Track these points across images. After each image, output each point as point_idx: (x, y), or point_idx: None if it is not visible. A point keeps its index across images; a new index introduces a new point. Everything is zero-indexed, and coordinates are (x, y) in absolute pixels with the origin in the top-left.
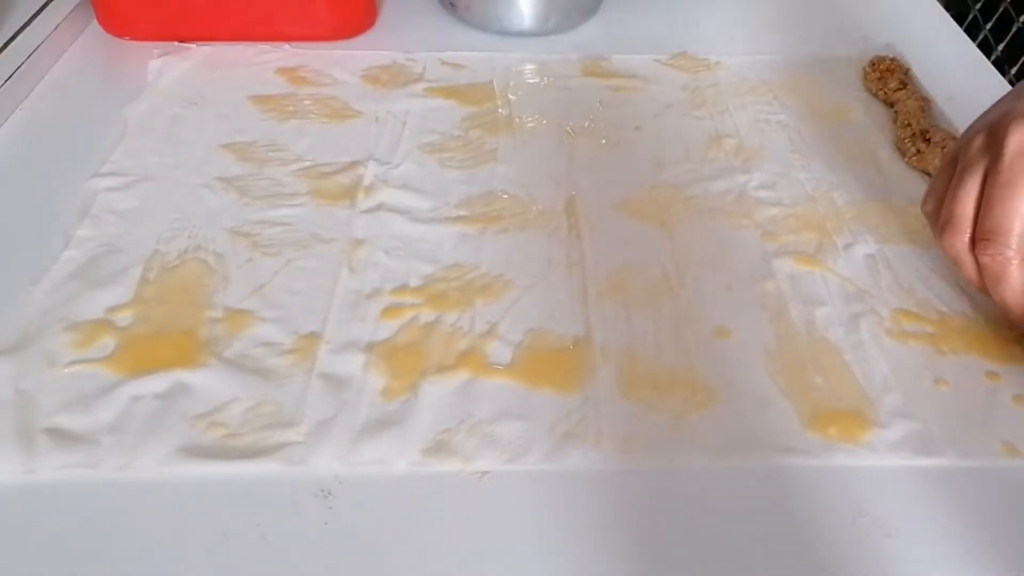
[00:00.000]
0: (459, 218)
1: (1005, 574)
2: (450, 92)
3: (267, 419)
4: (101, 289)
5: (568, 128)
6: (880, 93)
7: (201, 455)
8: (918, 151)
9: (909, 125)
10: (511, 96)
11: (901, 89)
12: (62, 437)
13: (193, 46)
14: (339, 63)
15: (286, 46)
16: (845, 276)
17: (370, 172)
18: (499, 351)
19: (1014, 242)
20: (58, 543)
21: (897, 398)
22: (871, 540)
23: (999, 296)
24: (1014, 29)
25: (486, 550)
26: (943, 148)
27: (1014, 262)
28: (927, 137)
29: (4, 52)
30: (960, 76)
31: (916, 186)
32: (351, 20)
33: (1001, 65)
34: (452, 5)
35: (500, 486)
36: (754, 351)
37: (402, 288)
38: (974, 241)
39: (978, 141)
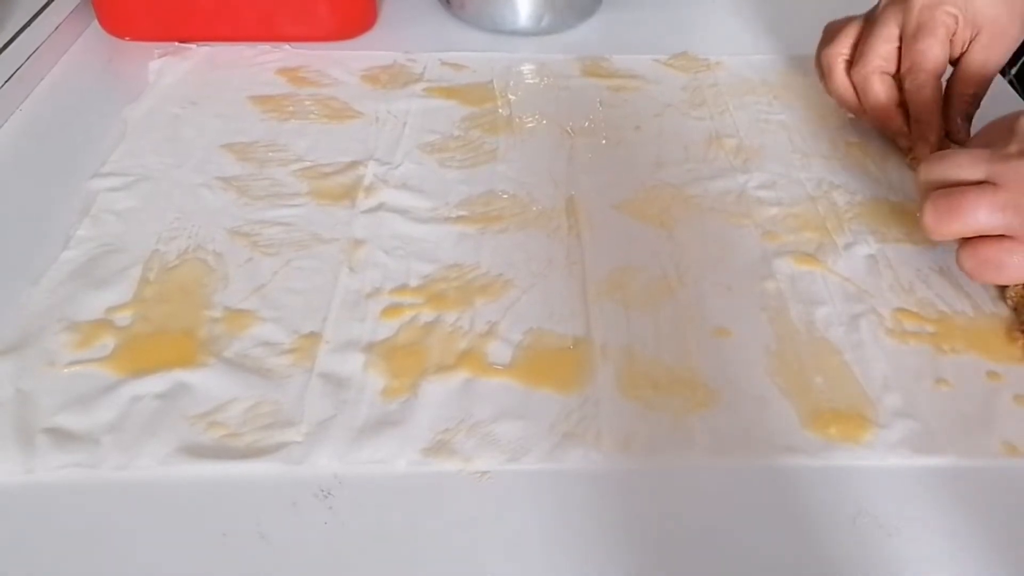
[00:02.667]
0: (459, 218)
1: (1005, 574)
2: (450, 92)
3: (267, 419)
4: (101, 289)
5: (568, 128)
6: None
7: (201, 455)
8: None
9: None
10: (511, 96)
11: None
12: (62, 437)
13: (193, 46)
14: (339, 63)
15: (286, 46)
16: (845, 276)
17: (370, 172)
18: (499, 351)
19: (875, 60)
20: (58, 543)
21: (897, 398)
22: (871, 540)
23: (866, 103)
24: None
25: (486, 550)
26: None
27: (875, 75)
28: None
29: (4, 52)
30: None
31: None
32: (351, 20)
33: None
34: (447, 2)
35: (500, 486)
36: (754, 351)
37: (402, 288)
38: (850, 65)
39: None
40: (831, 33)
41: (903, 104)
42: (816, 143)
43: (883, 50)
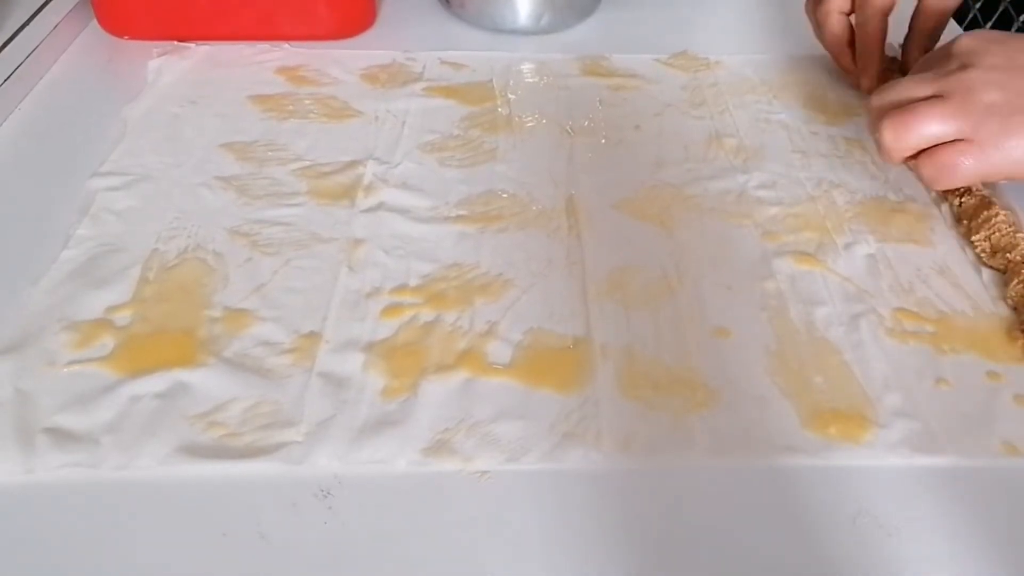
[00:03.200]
0: (459, 217)
1: (1005, 574)
2: (449, 91)
3: (266, 419)
4: (100, 289)
5: (568, 127)
6: None
7: (201, 455)
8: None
9: None
10: (511, 95)
11: None
12: (62, 437)
13: (193, 45)
14: (339, 62)
15: (286, 45)
16: (845, 276)
17: (369, 171)
18: (499, 351)
19: (835, 1)
20: (58, 543)
21: (897, 398)
22: (871, 540)
23: (821, 40)
24: (1013, 29)
25: (486, 550)
26: None
27: (832, 15)
28: None
29: (3, 52)
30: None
31: (916, 186)
32: (351, 19)
33: None
34: (447, 1)
35: (500, 486)
36: (754, 351)
37: (402, 287)
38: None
39: None
40: None
41: (854, 43)
42: (816, 143)
43: None
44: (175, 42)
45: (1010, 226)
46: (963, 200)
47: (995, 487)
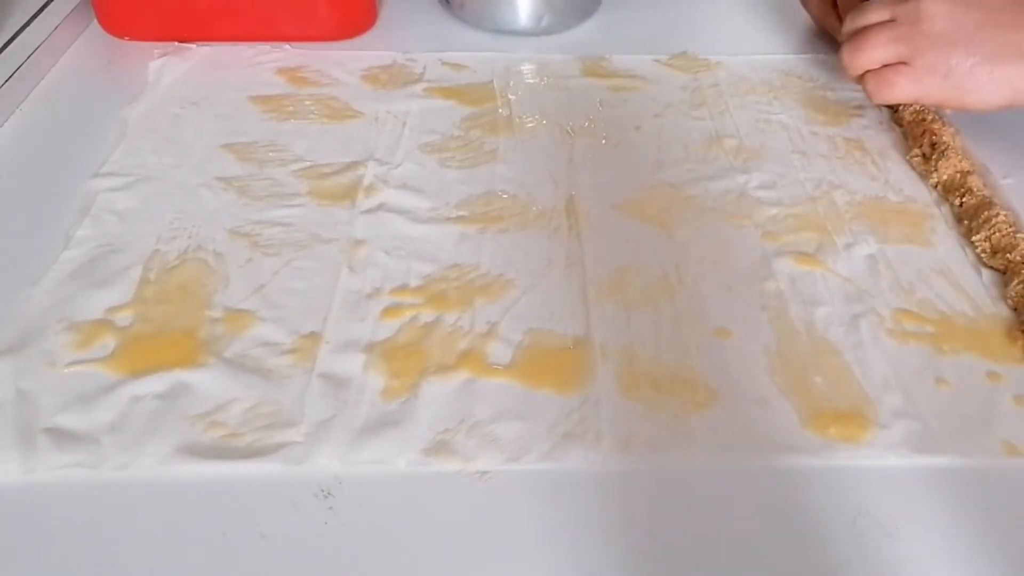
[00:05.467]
0: (459, 218)
1: (1005, 574)
2: (450, 92)
3: (267, 419)
4: (101, 289)
5: (568, 128)
6: None
7: (201, 455)
8: (923, 155)
9: (912, 126)
10: (511, 96)
11: None
12: (62, 437)
13: (193, 46)
14: (339, 63)
15: (286, 46)
16: (845, 276)
17: (370, 172)
18: (499, 351)
19: None
20: (58, 543)
21: (897, 398)
22: (871, 540)
23: (809, 7)
24: None
25: (486, 550)
26: (947, 150)
27: None
28: (933, 142)
29: (4, 52)
30: None
31: (917, 186)
32: (351, 20)
33: None
34: (447, 2)
35: (500, 486)
36: (754, 351)
37: (402, 288)
38: None
39: None
40: None
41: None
42: (816, 143)
43: None
44: (176, 43)
45: (1010, 226)
46: (963, 200)
47: (995, 487)
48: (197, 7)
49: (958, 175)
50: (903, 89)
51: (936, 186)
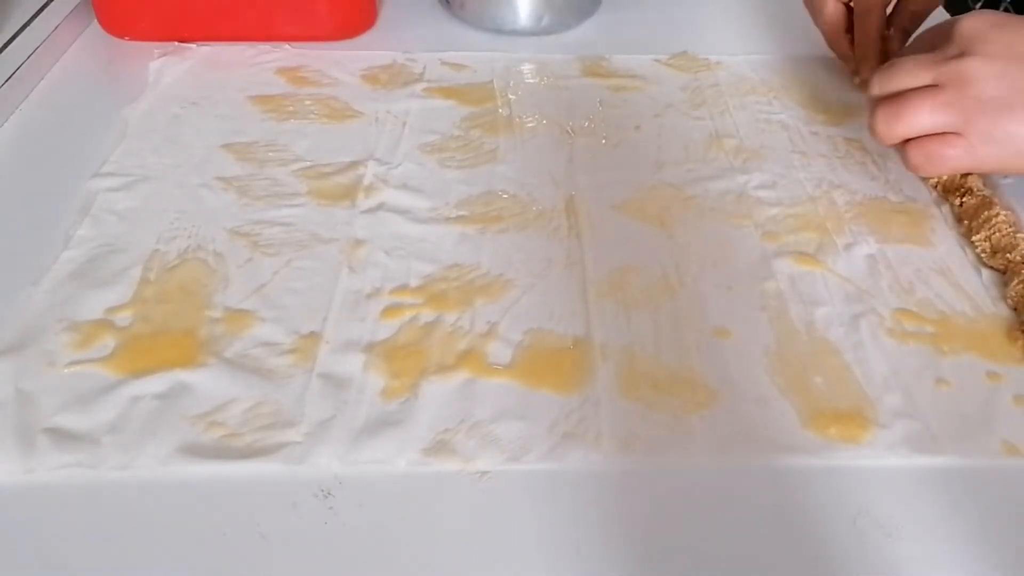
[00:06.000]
0: (459, 218)
1: (1005, 574)
2: (450, 92)
3: (267, 419)
4: (101, 289)
5: (568, 128)
6: None
7: (201, 455)
8: None
9: None
10: (511, 96)
11: None
12: (62, 437)
13: (193, 46)
14: (339, 63)
15: (286, 46)
16: (845, 276)
17: (370, 172)
18: (499, 351)
19: None
20: (58, 543)
21: (897, 398)
22: (871, 540)
23: (817, 24)
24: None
25: (486, 550)
26: None
27: (829, 3)
28: None
29: (4, 52)
30: None
31: (917, 186)
32: (351, 20)
33: None
34: (447, 2)
35: (500, 486)
36: (754, 351)
37: (402, 288)
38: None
39: None
40: None
41: (852, 29)
42: (816, 143)
43: None
44: (176, 43)
45: (1010, 226)
46: (963, 200)
47: (995, 487)
48: (197, 7)
49: (958, 175)
50: (955, 162)
51: (936, 186)
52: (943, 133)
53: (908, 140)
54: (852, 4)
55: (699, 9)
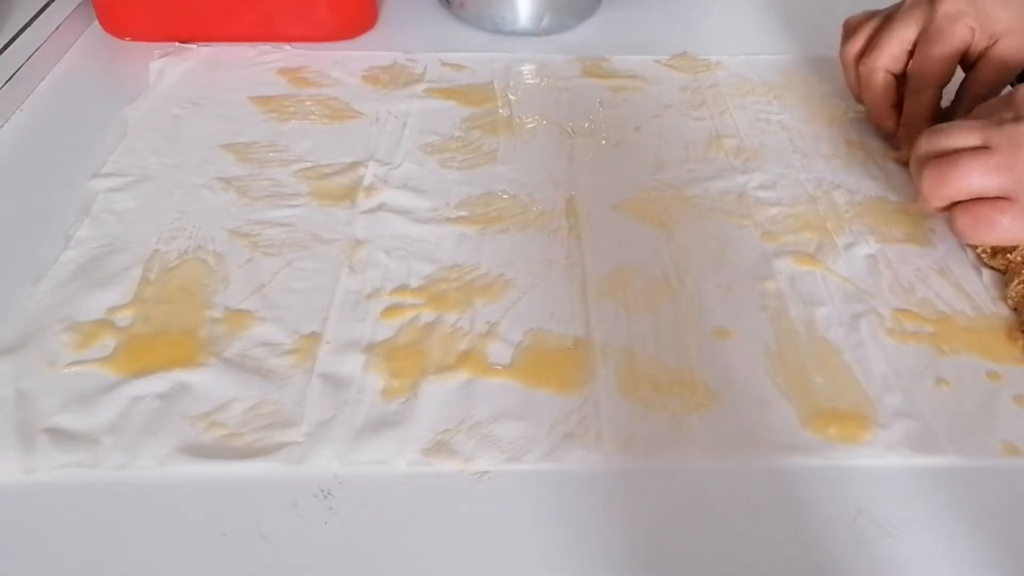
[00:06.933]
0: (459, 218)
1: (1005, 574)
2: (450, 93)
3: (267, 419)
4: (101, 289)
5: (568, 128)
6: None
7: (201, 455)
8: None
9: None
10: (511, 97)
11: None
12: (62, 437)
13: (194, 47)
14: (340, 64)
15: (287, 47)
16: (845, 276)
17: (370, 172)
18: (499, 351)
19: (882, 58)
20: (58, 543)
21: (897, 398)
22: (871, 540)
23: (864, 97)
24: None
25: (486, 550)
26: None
27: (879, 73)
28: None
29: (5, 53)
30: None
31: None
32: (352, 21)
33: None
34: (447, 2)
35: (500, 486)
36: (754, 351)
37: (402, 288)
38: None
39: None
40: (850, 29)
41: (900, 103)
42: (816, 143)
43: (895, 50)
44: (176, 43)
45: None
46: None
47: (995, 487)
48: (198, 7)
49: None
50: (1007, 230)
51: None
52: (994, 198)
53: (956, 203)
54: (907, 77)
55: (699, 9)
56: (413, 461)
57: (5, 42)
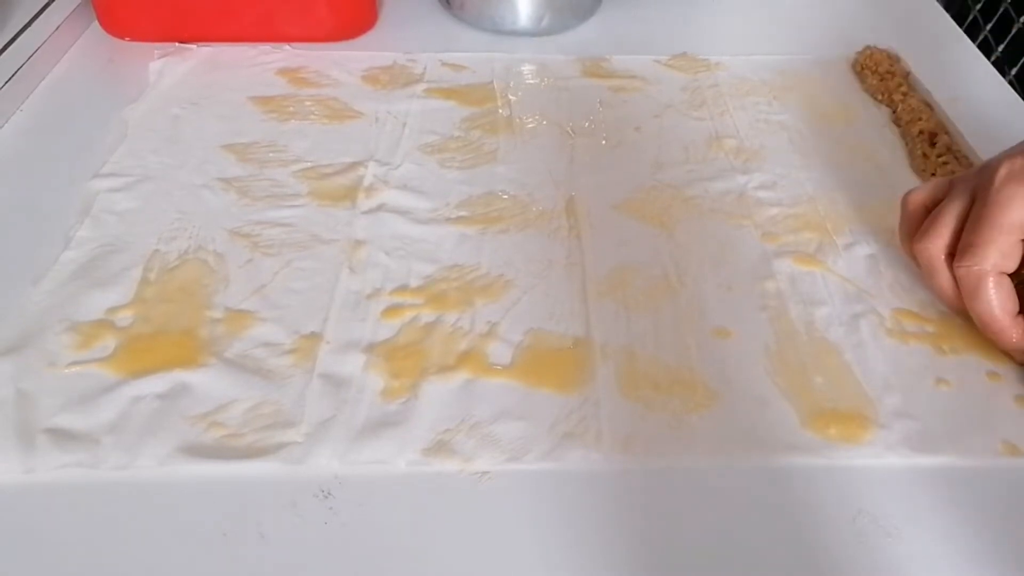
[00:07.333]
0: (459, 218)
1: (1005, 574)
2: (450, 93)
3: (267, 419)
4: (101, 289)
5: (568, 128)
6: (880, 95)
7: (201, 455)
8: (924, 154)
9: (916, 128)
10: (511, 97)
11: (903, 91)
12: (62, 437)
13: (194, 47)
14: (339, 64)
15: (287, 47)
16: (845, 276)
17: (370, 173)
18: (499, 351)
19: (991, 256)
20: (58, 543)
21: (897, 398)
22: (871, 540)
23: (973, 309)
24: (1014, 30)
25: (486, 550)
26: (948, 150)
27: (990, 277)
28: (933, 141)
29: (5, 53)
30: (961, 77)
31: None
32: (352, 21)
33: (1001, 66)
34: (447, 2)
35: (500, 486)
36: (754, 351)
37: (402, 288)
38: (953, 253)
39: (974, 170)
40: (914, 213)
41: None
42: (816, 143)
43: (1002, 242)
44: (176, 43)
45: None
46: None
47: (995, 487)
48: (198, 8)
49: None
50: None
51: (934, 173)
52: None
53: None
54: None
55: (699, 9)
56: (413, 461)
57: (5, 42)
